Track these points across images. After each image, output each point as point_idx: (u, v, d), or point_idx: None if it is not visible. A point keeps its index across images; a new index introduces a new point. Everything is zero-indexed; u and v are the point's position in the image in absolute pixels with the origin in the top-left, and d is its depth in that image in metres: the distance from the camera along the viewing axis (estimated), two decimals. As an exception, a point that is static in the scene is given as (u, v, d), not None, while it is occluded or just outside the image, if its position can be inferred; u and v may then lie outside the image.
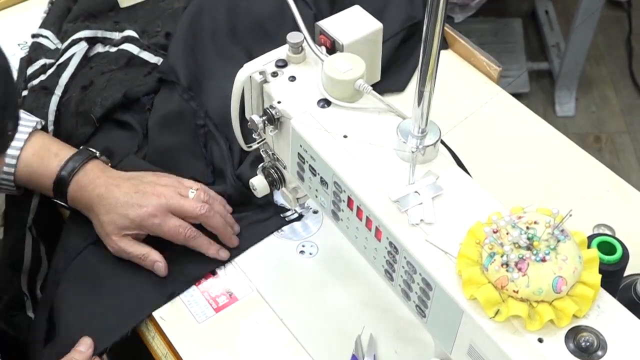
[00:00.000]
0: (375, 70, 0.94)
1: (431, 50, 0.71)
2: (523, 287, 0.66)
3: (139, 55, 1.21)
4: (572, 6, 2.42)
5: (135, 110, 1.16)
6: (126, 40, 1.23)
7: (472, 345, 0.70)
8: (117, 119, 1.16)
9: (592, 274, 0.68)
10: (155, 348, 0.98)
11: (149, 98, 1.17)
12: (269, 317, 0.99)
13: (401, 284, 0.77)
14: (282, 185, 0.97)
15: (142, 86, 1.17)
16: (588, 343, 0.65)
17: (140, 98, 1.17)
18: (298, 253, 1.05)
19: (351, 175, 0.79)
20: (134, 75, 1.19)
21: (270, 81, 0.87)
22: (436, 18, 0.69)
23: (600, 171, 1.13)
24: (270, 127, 0.86)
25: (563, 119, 2.49)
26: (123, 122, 1.16)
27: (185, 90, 1.15)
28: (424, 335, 0.93)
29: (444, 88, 1.19)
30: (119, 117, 1.15)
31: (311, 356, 0.95)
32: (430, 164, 0.79)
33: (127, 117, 1.15)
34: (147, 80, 1.18)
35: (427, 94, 0.74)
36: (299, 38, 0.87)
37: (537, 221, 0.68)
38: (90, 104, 1.14)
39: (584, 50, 2.39)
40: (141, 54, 1.21)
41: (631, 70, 2.63)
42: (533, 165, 1.14)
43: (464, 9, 2.33)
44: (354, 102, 0.85)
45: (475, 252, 0.69)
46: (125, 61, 1.20)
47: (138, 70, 1.20)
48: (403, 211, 0.75)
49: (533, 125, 1.20)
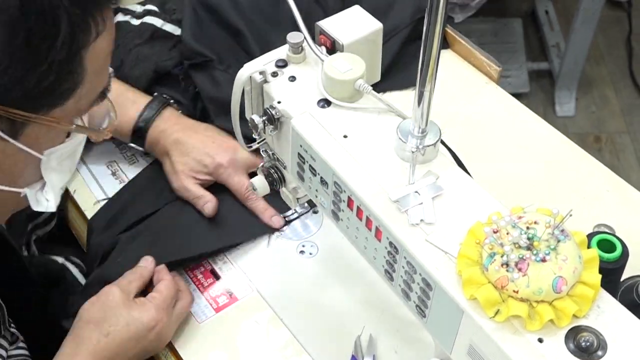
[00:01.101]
0: (375, 70, 0.94)
1: (431, 50, 0.71)
2: (523, 287, 0.66)
3: (162, 28, 1.22)
4: (572, 6, 2.42)
5: (170, 84, 1.18)
6: (148, 13, 1.23)
7: (472, 345, 0.70)
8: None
9: (592, 274, 0.68)
10: (156, 348, 0.98)
11: (180, 69, 1.19)
12: (269, 317, 0.99)
13: (401, 284, 0.77)
14: (282, 185, 0.97)
15: (170, 60, 1.19)
16: (588, 343, 0.65)
17: (170, 71, 1.19)
18: (298, 253, 1.05)
19: (351, 175, 0.79)
20: (159, 49, 1.20)
21: (270, 81, 0.87)
22: (436, 18, 0.69)
23: (600, 171, 1.13)
24: (270, 127, 0.86)
25: (563, 119, 2.49)
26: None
27: (219, 62, 1.17)
28: (424, 335, 0.93)
29: (444, 88, 1.19)
30: (156, 92, 1.17)
31: (311, 356, 0.95)
32: (430, 164, 0.79)
33: (164, 90, 1.17)
34: (172, 54, 1.19)
35: (427, 94, 0.74)
36: (299, 38, 0.87)
37: (537, 221, 0.68)
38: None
39: (584, 50, 2.39)
40: (164, 26, 1.22)
41: (631, 70, 2.63)
42: (533, 165, 1.14)
43: (464, 9, 2.33)
44: (354, 102, 0.85)
45: (475, 252, 0.69)
46: (150, 34, 1.21)
47: (163, 43, 1.20)
48: (403, 211, 0.75)
49: (533, 125, 1.20)
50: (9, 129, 0.67)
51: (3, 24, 0.61)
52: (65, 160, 0.76)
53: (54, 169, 0.75)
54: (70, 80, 0.67)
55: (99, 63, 0.70)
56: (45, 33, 0.63)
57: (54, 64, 0.65)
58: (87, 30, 0.66)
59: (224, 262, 1.05)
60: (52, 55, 0.64)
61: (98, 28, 0.67)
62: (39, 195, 0.76)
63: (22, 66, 0.63)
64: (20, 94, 0.65)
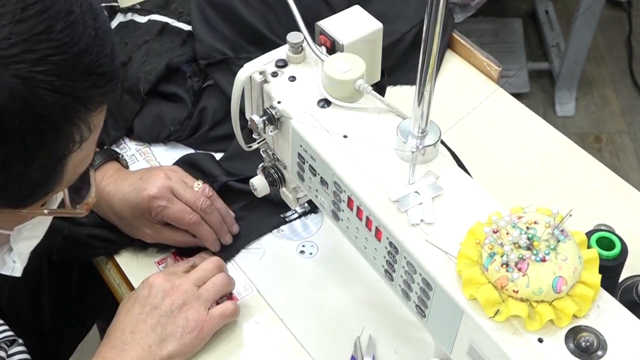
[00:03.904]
0: (376, 70, 0.94)
1: (431, 50, 0.71)
2: (523, 287, 0.66)
3: (171, 24, 1.21)
4: (572, 6, 2.42)
5: (178, 81, 1.18)
6: (154, 12, 1.22)
7: (472, 345, 0.70)
8: (161, 91, 1.17)
9: (592, 274, 0.68)
10: (155, 348, 0.98)
11: (189, 66, 1.18)
12: (269, 317, 0.99)
13: (401, 284, 0.77)
14: (282, 185, 0.97)
15: (182, 56, 1.18)
16: (588, 343, 0.65)
17: (179, 67, 1.18)
18: (298, 253, 1.05)
19: (351, 175, 0.79)
20: (170, 45, 1.19)
21: (270, 81, 0.87)
22: (436, 18, 0.69)
23: (600, 171, 1.13)
24: (270, 127, 0.86)
25: (563, 119, 2.49)
26: (167, 94, 1.17)
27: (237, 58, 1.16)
28: (424, 335, 0.93)
29: (444, 88, 1.19)
30: (164, 90, 1.17)
31: (311, 356, 0.95)
32: (430, 164, 0.79)
33: (172, 87, 1.17)
34: (185, 50, 1.19)
35: (427, 94, 0.74)
36: (299, 38, 0.87)
37: (537, 221, 0.68)
38: (134, 80, 1.16)
39: (584, 50, 2.39)
40: (174, 23, 1.21)
41: (631, 70, 2.63)
42: (533, 165, 1.14)
43: (464, 9, 2.33)
44: (354, 102, 0.85)
45: (475, 252, 0.69)
46: (159, 29, 1.20)
47: (173, 39, 1.20)
48: (403, 211, 0.75)
49: (533, 125, 1.20)
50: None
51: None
52: (34, 229, 0.74)
53: (24, 238, 0.74)
54: (49, 185, 0.65)
55: (83, 157, 0.67)
56: (23, 157, 0.61)
57: (32, 179, 0.63)
58: (71, 142, 0.63)
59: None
60: (30, 173, 0.62)
61: (82, 136, 0.64)
62: (6, 257, 0.75)
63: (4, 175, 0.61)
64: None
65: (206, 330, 0.92)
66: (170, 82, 1.18)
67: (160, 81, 1.17)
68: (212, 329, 0.93)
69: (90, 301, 1.25)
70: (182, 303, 0.91)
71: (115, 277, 1.05)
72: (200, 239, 1.02)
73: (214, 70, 1.17)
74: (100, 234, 1.04)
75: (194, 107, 1.17)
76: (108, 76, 0.64)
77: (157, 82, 1.16)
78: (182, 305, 0.91)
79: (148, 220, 1.00)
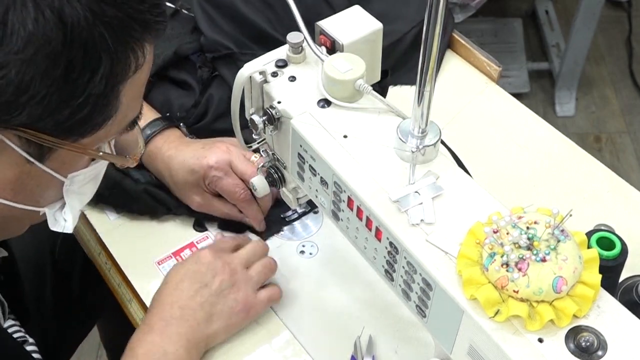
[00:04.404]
0: (376, 70, 0.94)
1: (431, 51, 0.71)
2: (523, 287, 0.66)
3: (181, 10, 1.21)
4: (572, 6, 2.42)
5: (189, 69, 1.18)
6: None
7: (472, 345, 0.70)
8: (171, 77, 1.18)
9: (592, 274, 0.68)
10: (155, 348, 0.98)
11: (198, 56, 1.19)
12: (269, 317, 0.99)
13: (401, 284, 0.77)
14: (282, 185, 0.97)
15: (191, 43, 1.19)
16: (588, 343, 0.65)
17: (189, 56, 1.19)
18: (298, 253, 1.05)
19: (351, 175, 0.79)
20: (180, 30, 1.20)
21: (270, 81, 0.87)
22: (436, 18, 0.69)
23: (600, 171, 1.13)
24: (270, 127, 0.86)
25: (563, 119, 2.49)
26: (178, 80, 1.18)
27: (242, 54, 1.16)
28: (424, 335, 0.93)
29: (444, 88, 1.19)
30: (174, 76, 1.18)
31: (311, 356, 0.95)
32: (430, 164, 0.79)
33: (182, 75, 1.18)
34: (194, 37, 1.19)
35: (427, 94, 0.74)
36: (299, 38, 0.87)
37: (537, 221, 0.68)
38: None
39: (584, 50, 2.39)
40: (183, 9, 1.22)
41: (631, 70, 2.63)
42: (533, 165, 1.14)
43: (464, 9, 2.33)
44: (354, 102, 0.85)
45: (475, 252, 0.69)
46: (171, 13, 1.21)
47: (184, 24, 1.20)
48: (403, 211, 0.75)
49: (533, 125, 1.20)
50: (37, 152, 0.67)
51: (45, 55, 0.60)
52: (86, 184, 0.75)
53: (75, 191, 0.74)
54: (105, 113, 0.67)
55: (135, 95, 0.70)
56: (85, 67, 0.62)
57: (91, 97, 0.64)
58: (127, 65, 0.66)
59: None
60: (90, 89, 0.63)
61: (138, 62, 0.67)
62: (57, 215, 0.76)
63: (59, 97, 0.62)
64: (53, 123, 0.64)
65: (252, 312, 0.95)
66: (181, 70, 1.18)
67: (167, 66, 1.17)
68: (258, 312, 0.96)
69: (91, 301, 1.25)
70: (232, 283, 0.93)
71: (115, 277, 1.05)
72: (247, 215, 1.06)
73: (220, 63, 1.18)
74: (154, 192, 1.08)
75: (201, 96, 1.17)
76: (160, 8, 0.67)
77: (164, 66, 1.17)
78: (232, 286, 0.93)
79: (200, 187, 1.04)
